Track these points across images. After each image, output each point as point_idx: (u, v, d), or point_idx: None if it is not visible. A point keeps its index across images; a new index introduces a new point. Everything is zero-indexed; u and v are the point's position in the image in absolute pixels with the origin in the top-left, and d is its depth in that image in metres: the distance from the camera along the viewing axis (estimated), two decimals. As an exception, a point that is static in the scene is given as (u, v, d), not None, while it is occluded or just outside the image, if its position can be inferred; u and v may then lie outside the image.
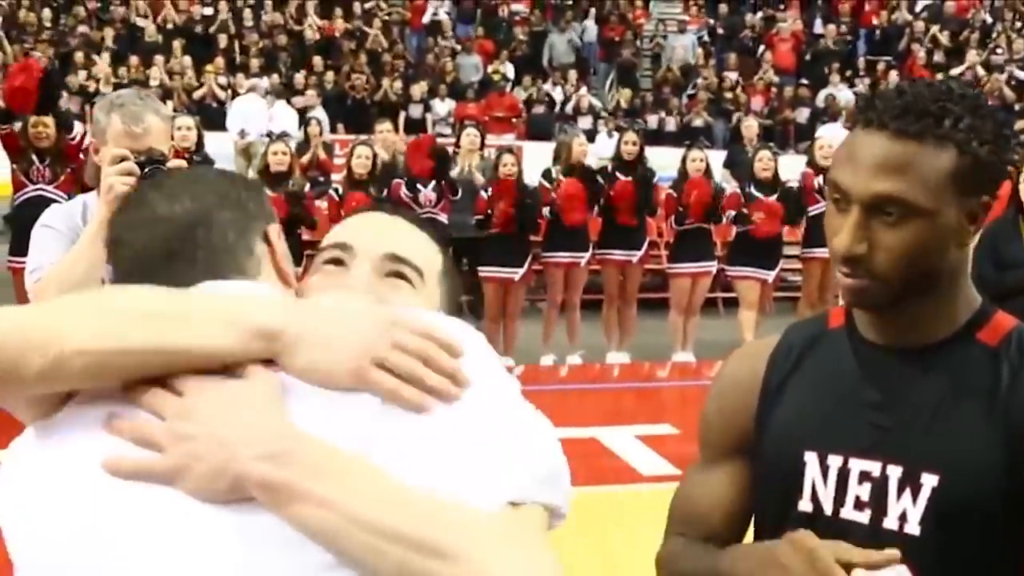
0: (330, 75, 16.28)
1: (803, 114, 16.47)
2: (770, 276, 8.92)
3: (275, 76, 15.84)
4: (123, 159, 2.70)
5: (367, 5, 18.65)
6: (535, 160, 10.17)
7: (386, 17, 18.55)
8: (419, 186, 8.50)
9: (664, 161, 10.37)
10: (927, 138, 1.38)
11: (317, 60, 16.75)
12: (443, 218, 8.54)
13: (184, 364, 1.07)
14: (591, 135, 15.25)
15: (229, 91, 15.86)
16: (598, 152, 12.22)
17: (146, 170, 2.67)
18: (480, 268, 8.81)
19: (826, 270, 8.62)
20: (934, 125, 1.38)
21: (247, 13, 17.69)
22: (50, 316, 1.06)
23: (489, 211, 8.39)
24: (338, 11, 18.14)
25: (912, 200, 1.38)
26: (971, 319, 1.50)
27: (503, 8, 18.93)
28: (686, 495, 1.70)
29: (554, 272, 8.87)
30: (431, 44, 17.95)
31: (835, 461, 1.50)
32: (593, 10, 19.33)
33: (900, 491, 1.45)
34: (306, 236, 8.62)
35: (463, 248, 8.92)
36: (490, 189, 8.47)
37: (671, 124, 16.80)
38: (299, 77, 16.06)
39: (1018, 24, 17.81)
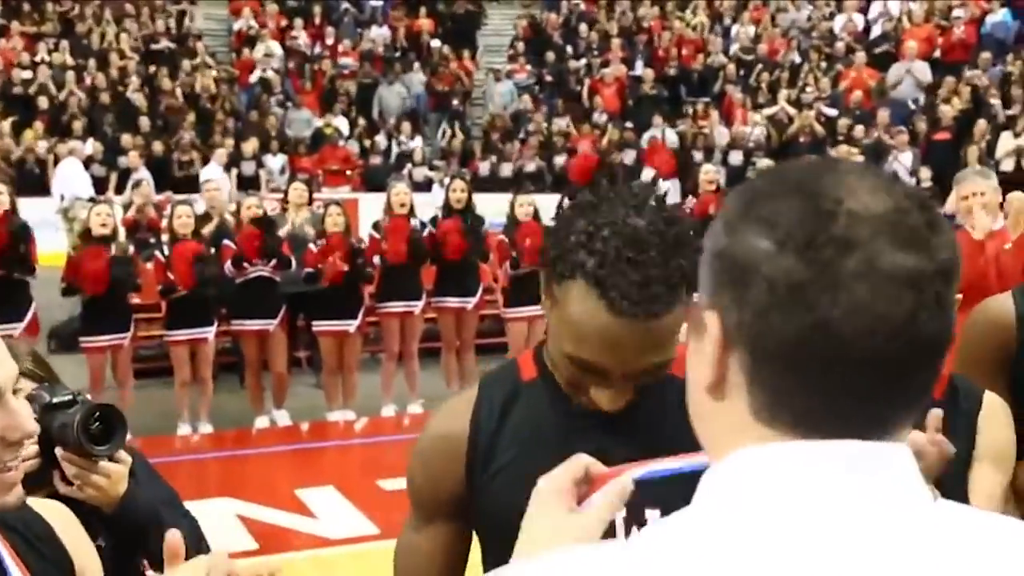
0: (158, 142, 15.90)
1: (630, 156, 16.87)
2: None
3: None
4: None
5: (194, 61, 18.33)
6: (374, 211, 10.07)
7: (214, 75, 18.26)
8: (246, 265, 8.21)
9: (500, 207, 10.42)
10: None
11: (143, 121, 16.36)
12: (276, 277, 8.37)
13: None
14: (427, 184, 15.34)
15: (52, 155, 15.36)
16: (434, 202, 12.24)
17: None
18: (314, 322, 8.69)
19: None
20: None
21: (70, 75, 17.14)
22: None
23: (319, 265, 8.28)
24: (164, 71, 17.77)
25: None
26: None
27: (329, 62, 18.88)
28: (404, 553, 1.71)
29: (389, 322, 8.80)
30: (261, 100, 17.74)
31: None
32: (420, 63, 19.44)
33: None
34: (135, 300, 8.41)
35: (297, 303, 8.79)
36: (320, 243, 8.37)
37: (505, 170, 17.00)
38: (125, 138, 15.64)
39: (823, 64, 18.67)
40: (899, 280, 0.84)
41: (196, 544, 2.17)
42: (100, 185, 14.72)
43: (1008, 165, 14.03)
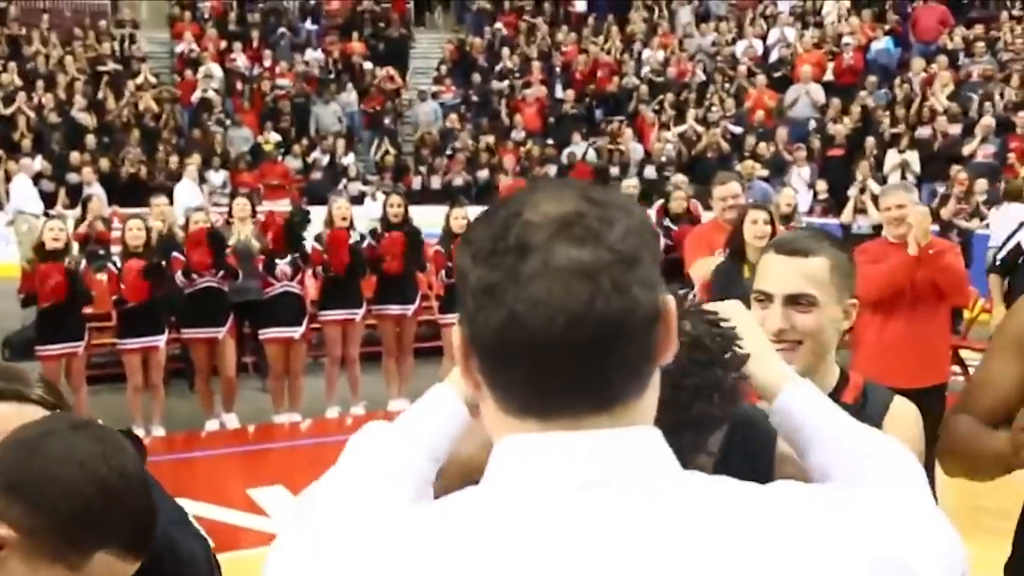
0: (104, 158, 15.54)
1: (552, 171, 16.92)
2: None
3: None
4: None
5: (138, 80, 17.97)
6: (314, 223, 9.92)
7: (157, 95, 17.92)
8: (195, 276, 8.09)
9: (432, 219, 10.36)
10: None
11: (90, 139, 15.99)
12: (224, 287, 8.22)
13: None
14: (360, 199, 15.22)
15: (3, 172, 14.96)
16: (368, 214, 12.16)
17: None
18: (261, 330, 8.55)
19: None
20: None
21: (21, 96, 16.68)
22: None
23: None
24: (109, 91, 17.38)
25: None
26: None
27: (268, 83, 18.65)
28: None
29: (331, 329, 8.70)
30: (202, 119, 17.44)
31: None
32: (353, 84, 19.29)
33: None
34: (87, 309, 8.19)
35: (245, 311, 8.65)
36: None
37: (435, 184, 16.96)
38: (73, 155, 15.27)
39: (727, 86, 18.91)
40: (574, 272, 0.89)
41: (208, 562, 2.06)
42: (49, 200, 14.35)
43: (895, 178, 14.34)
